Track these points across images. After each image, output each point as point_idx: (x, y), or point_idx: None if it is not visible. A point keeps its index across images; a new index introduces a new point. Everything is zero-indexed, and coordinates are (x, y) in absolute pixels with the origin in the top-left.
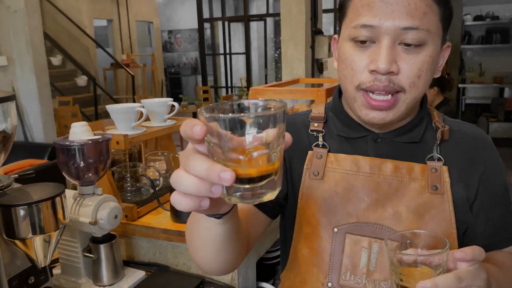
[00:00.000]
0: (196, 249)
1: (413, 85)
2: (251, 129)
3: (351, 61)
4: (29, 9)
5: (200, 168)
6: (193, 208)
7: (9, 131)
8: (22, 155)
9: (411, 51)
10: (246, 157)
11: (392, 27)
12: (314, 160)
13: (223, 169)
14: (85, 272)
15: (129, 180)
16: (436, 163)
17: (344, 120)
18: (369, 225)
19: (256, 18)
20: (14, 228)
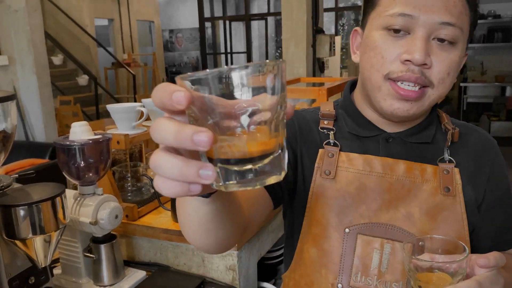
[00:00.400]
0: (184, 227)
1: (442, 82)
2: (246, 90)
3: (382, 49)
4: (30, 9)
5: (167, 134)
6: (181, 194)
7: (9, 130)
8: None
9: (444, 48)
10: (241, 129)
11: (430, 20)
12: (325, 158)
13: (196, 130)
14: (85, 272)
15: (129, 179)
16: (447, 165)
17: (356, 118)
18: (381, 225)
19: (257, 17)
20: (14, 228)
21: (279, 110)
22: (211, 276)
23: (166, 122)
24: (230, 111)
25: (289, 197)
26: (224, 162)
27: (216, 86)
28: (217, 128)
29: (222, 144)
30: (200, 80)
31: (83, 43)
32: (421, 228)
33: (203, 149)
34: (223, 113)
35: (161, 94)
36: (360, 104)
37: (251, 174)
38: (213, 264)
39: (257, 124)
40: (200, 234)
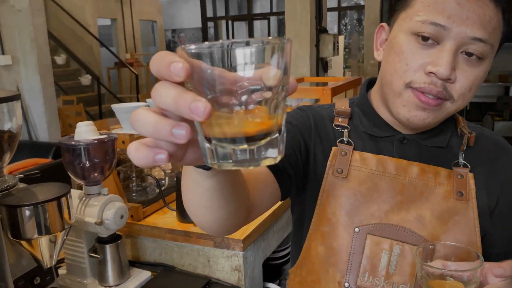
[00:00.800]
0: (187, 202)
1: (462, 97)
2: (248, 67)
3: (408, 55)
4: (33, 8)
5: (167, 97)
6: (146, 162)
7: (14, 130)
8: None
9: (470, 63)
10: (240, 107)
11: (462, 34)
12: (338, 157)
13: (195, 98)
14: (90, 272)
15: (134, 179)
16: (462, 170)
17: (371, 118)
18: (392, 227)
19: (260, 17)
20: (19, 228)
21: (281, 91)
22: (217, 276)
23: (168, 85)
24: (229, 87)
25: (297, 191)
26: (219, 140)
27: (217, 61)
28: (214, 103)
29: (219, 121)
30: (201, 55)
31: (86, 43)
32: (432, 231)
33: (199, 119)
34: (222, 89)
35: (159, 63)
36: (376, 104)
37: (246, 154)
38: (218, 265)
39: (256, 103)
40: (201, 210)
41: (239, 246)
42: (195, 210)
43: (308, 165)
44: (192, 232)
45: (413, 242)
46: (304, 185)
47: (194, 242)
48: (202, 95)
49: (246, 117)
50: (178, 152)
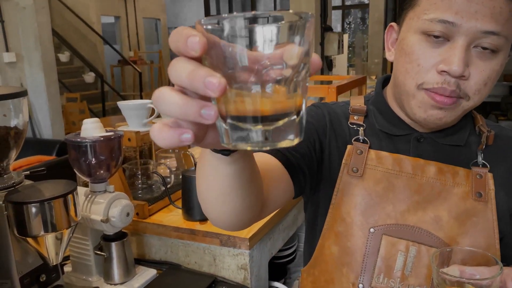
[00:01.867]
0: (203, 192)
1: (478, 92)
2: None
3: (419, 56)
4: (37, 6)
5: (182, 72)
6: (172, 142)
7: (20, 127)
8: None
9: (485, 57)
10: (258, 85)
11: (473, 29)
12: (353, 155)
13: (210, 73)
14: (96, 270)
15: (140, 177)
16: (481, 169)
17: (387, 116)
18: (408, 227)
19: None
20: (26, 225)
21: (302, 70)
22: (222, 275)
23: (184, 61)
24: (248, 64)
25: (311, 190)
26: (235, 119)
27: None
28: (231, 80)
29: (235, 99)
30: (216, 32)
31: (90, 40)
32: (449, 233)
33: (213, 95)
34: (240, 66)
35: (176, 38)
36: (391, 102)
37: (262, 134)
38: (224, 263)
39: (275, 82)
40: (218, 201)
41: (245, 244)
42: (211, 201)
43: (322, 164)
44: (198, 230)
45: (430, 243)
46: (318, 184)
47: (200, 241)
48: (219, 71)
49: (263, 96)
50: (199, 133)
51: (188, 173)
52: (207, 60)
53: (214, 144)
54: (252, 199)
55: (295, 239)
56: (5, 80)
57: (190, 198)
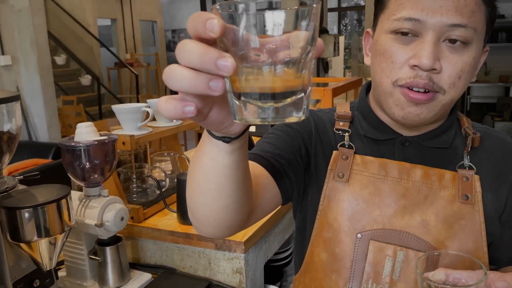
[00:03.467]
0: (195, 189)
1: (453, 86)
2: (278, 27)
3: (391, 53)
4: (33, 8)
5: (193, 55)
6: (175, 113)
7: (14, 131)
8: (26, 155)
9: (456, 50)
10: (269, 65)
11: (439, 23)
12: (339, 161)
13: (221, 55)
14: (90, 274)
15: (135, 181)
16: (467, 172)
17: (372, 121)
18: (395, 232)
19: None
20: (19, 230)
21: (308, 52)
22: (217, 279)
23: (193, 43)
24: (260, 46)
25: (299, 197)
26: (248, 96)
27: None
28: (245, 60)
29: (248, 77)
30: (231, 17)
31: (86, 43)
32: (437, 237)
33: (226, 74)
34: (254, 47)
35: (195, 21)
36: (375, 107)
37: (272, 110)
38: (219, 267)
39: (285, 63)
40: (213, 194)
41: (240, 248)
42: (206, 195)
43: (309, 170)
44: (193, 234)
45: (418, 248)
46: (306, 191)
47: (195, 244)
48: (234, 52)
49: (274, 75)
50: (204, 109)
51: (183, 176)
52: (222, 42)
53: (216, 124)
54: (245, 198)
55: (291, 242)
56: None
57: (185, 201)
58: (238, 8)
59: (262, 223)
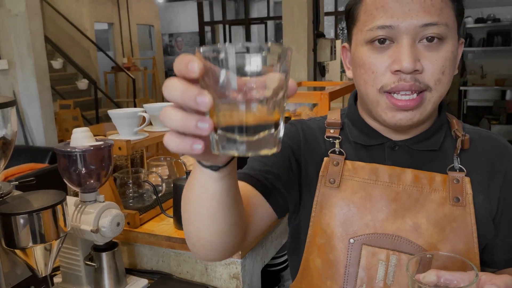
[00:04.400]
0: (189, 214)
1: (439, 82)
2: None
3: (370, 64)
4: (30, 13)
5: (176, 92)
6: (184, 150)
7: (9, 137)
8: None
9: (433, 48)
10: (243, 102)
11: (411, 26)
12: (330, 167)
13: (200, 92)
14: (86, 280)
15: (131, 186)
16: (458, 174)
17: (361, 127)
18: (387, 236)
19: (257, 21)
20: (14, 237)
21: (280, 92)
22: (214, 284)
23: (176, 81)
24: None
25: (295, 207)
26: (225, 130)
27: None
28: (222, 98)
29: (225, 113)
30: (212, 58)
31: (83, 47)
32: (429, 240)
33: (204, 109)
34: (231, 87)
35: (180, 62)
36: (363, 114)
37: (246, 144)
38: (216, 273)
39: (258, 101)
40: (205, 220)
41: (237, 253)
42: (199, 222)
43: (301, 180)
44: None
45: (410, 251)
46: (300, 199)
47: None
48: (213, 90)
49: (248, 112)
50: None
51: (179, 181)
52: (204, 80)
53: (203, 155)
54: (238, 221)
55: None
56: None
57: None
58: (218, 51)
59: None
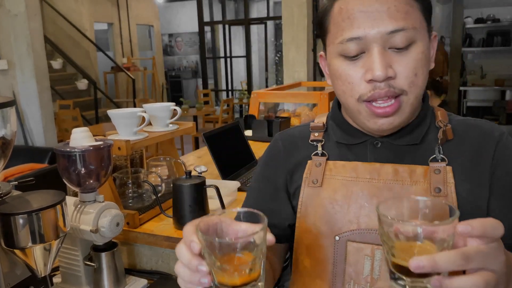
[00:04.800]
0: None
1: (412, 85)
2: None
3: (346, 75)
4: (29, 13)
5: (184, 258)
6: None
7: (8, 137)
8: (22, 159)
9: (403, 52)
10: (231, 269)
11: (378, 34)
12: (313, 168)
13: (200, 263)
14: (86, 280)
15: (130, 186)
16: (439, 164)
17: (344, 128)
18: (371, 231)
19: (257, 21)
20: (13, 237)
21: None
22: None
23: (185, 249)
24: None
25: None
26: (221, 285)
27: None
28: (216, 263)
29: (219, 272)
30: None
31: (83, 47)
32: None
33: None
34: (223, 258)
35: (185, 238)
36: (347, 116)
37: None
38: None
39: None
40: None
41: None
42: None
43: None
44: None
45: None
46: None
47: None
48: (209, 257)
49: (234, 274)
50: None
51: (179, 181)
52: (205, 250)
53: None
54: None
55: None
56: None
57: (181, 206)
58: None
59: None
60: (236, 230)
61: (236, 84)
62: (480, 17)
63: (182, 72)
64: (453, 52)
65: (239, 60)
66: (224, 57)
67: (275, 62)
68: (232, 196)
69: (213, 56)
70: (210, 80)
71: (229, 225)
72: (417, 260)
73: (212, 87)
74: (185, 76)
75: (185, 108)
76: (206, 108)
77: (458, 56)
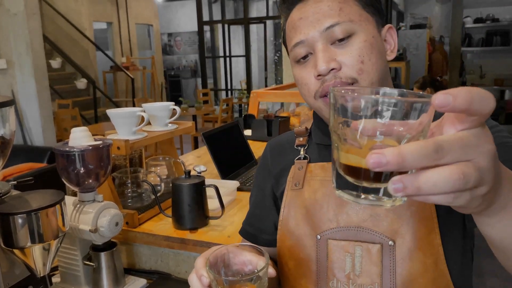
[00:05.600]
0: None
1: (361, 72)
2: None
3: (301, 78)
4: (28, 12)
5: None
6: None
7: (7, 136)
8: (21, 159)
9: (344, 44)
10: None
11: (317, 33)
12: (295, 172)
13: None
14: (85, 280)
15: (130, 186)
16: None
17: (324, 130)
18: (350, 229)
19: (256, 20)
20: (12, 236)
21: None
22: None
23: (195, 281)
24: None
25: None
26: None
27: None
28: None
29: None
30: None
31: (82, 46)
32: (390, 227)
33: None
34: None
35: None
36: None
37: None
38: None
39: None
40: None
41: None
42: None
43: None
44: (188, 239)
45: (373, 240)
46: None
47: (191, 250)
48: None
49: None
50: None
51: (178, 181)
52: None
53: None
54: None
55: None
56: None
57: (180, 206)
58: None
59: None
60: (243, 261)
61: (235, 83)
62: (479, 17)
63: (181, 71)
64: (452, 51)
65: (239, 60)
66: (223, 57)
67: (275, 62)
68: (231, 195)
69: (212, 55)
70: (210, 80)
71: (236, 256)
72: (377, 155)
73: (212, 86)
74: (184, 75)
75: (184, 108)
76: (205, 107)
77: (457, 55)
